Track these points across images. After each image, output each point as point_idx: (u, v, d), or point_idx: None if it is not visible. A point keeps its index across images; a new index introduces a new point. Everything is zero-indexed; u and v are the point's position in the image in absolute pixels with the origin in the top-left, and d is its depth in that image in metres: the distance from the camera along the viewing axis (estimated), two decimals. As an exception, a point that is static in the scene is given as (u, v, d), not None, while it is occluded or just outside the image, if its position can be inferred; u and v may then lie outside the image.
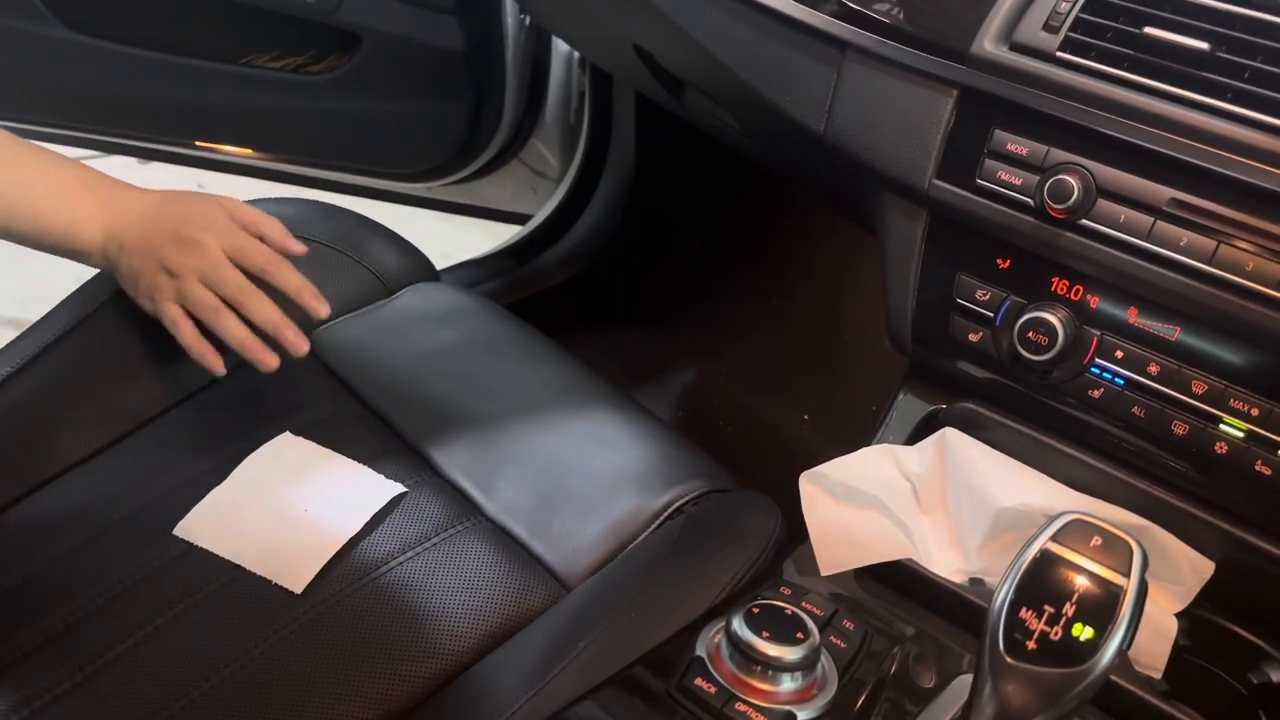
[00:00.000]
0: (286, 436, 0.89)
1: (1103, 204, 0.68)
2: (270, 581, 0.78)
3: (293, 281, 0.90)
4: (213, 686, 0.72)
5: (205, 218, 0.88)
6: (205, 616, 0.76)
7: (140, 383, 0.93)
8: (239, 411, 0.92)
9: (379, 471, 0.87)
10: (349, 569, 0.79)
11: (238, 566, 0.79)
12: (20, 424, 0.89)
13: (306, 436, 0.90)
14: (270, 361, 0.87)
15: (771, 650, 0.60)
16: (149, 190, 0.91)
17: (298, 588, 0.78)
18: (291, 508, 0.84)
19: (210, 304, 0.86)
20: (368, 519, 0.83)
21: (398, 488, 0.85)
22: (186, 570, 0.79)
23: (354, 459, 0.88)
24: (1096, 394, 0.73)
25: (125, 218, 0.87)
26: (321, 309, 0.90)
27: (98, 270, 0.94)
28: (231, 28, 1.50)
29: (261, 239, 0.90)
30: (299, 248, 0.92)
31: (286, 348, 0.88)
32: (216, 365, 0.87)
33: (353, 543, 0.81)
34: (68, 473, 0.88)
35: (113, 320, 0.94)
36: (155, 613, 0.76)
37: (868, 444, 0.82)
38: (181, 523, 0.82)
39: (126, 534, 0.81)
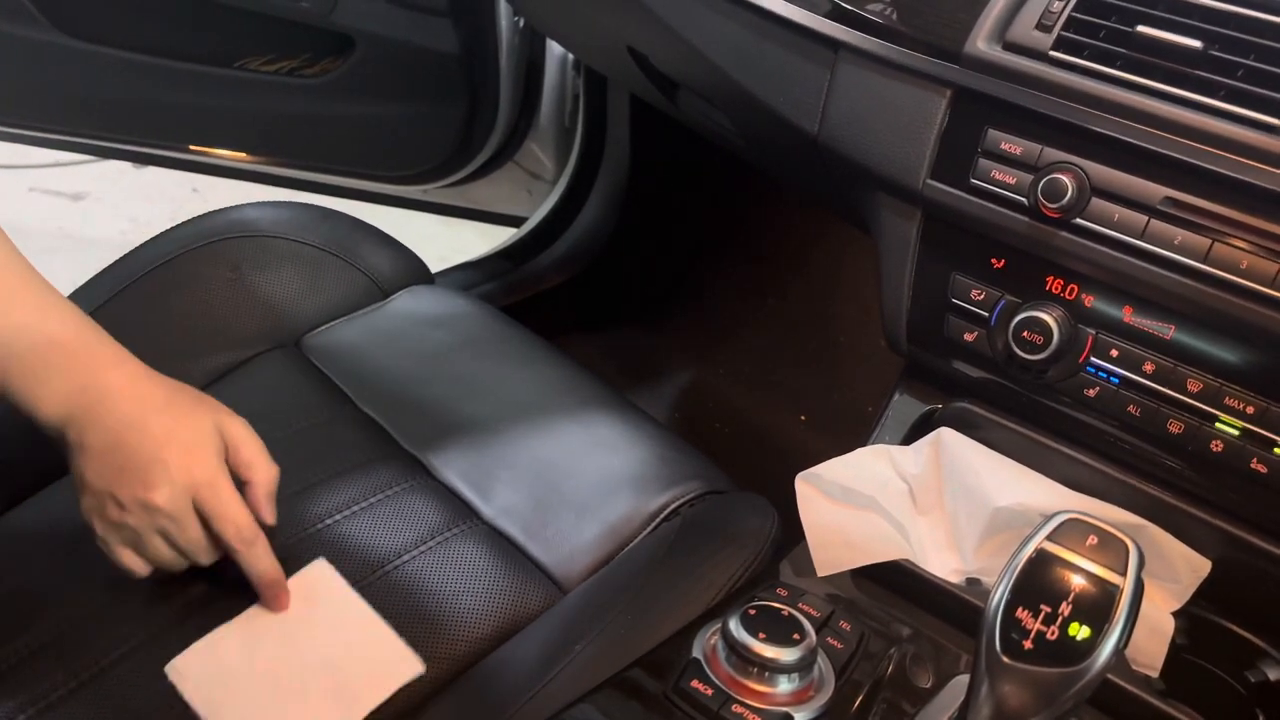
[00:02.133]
0: (321, 565, 0.78)
1: (1097, 203, 0.68)
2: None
3: (263, 569, 0.74)
4: (208, 692, 0.72)
5: (188, 450, 0.71)
6: (199, 624, 0.76)
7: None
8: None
9: (374, 476, 0.87)
10: (344, 574, 0.79)
11: (231, 572, 0.78)
12: (11, 431, 0.89)
13: (302, 441, 0.90)
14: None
15: (768, 652, 0.60)
16: (143, 381, 0.73)
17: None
18: (290, 679, 0.73)
19: (168, 561, 0.73)
20: (375, 706, 0.72)
21: (418, 668, 0.74)
22: (180, 577, 0.78)
23: (349, 462, 0.88)
24: (1092, 393, 0.73)
25: (98, 413, 0.70)
26: (282, 606, 0.76)
27: (91, 277, 0.93)
28: (226, 31, 1.50)
29: (246, 485, 0.75)
30: (272, 518, 0.75)
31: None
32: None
33: (348, 547, 0.81)
34: (59, 481, 0.87)
35: (103, 329, 0.93)
36: (147, 622, 0.75)
37: (864, 444, 0.82)
38: (174, 661, 0.72)
39: (121, 539, 0.81)
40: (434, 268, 1.21)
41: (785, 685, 0.61)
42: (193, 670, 0.72)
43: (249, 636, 0.74)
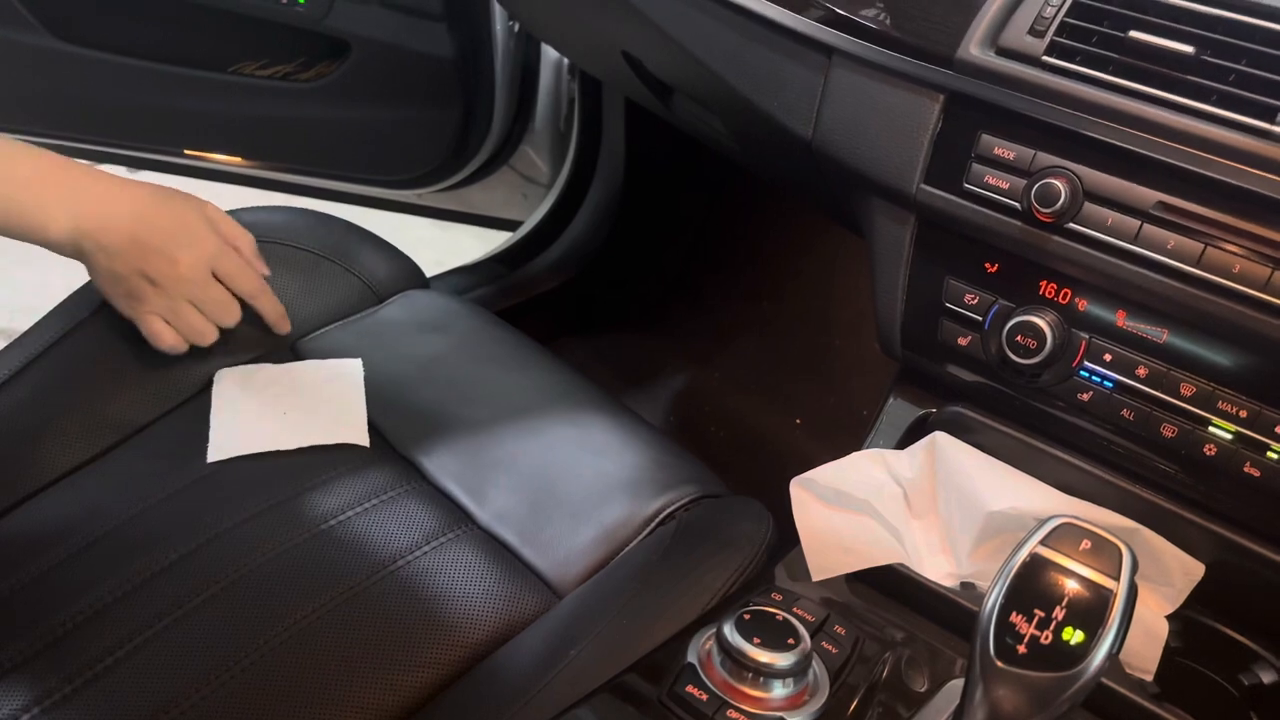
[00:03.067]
0: (230, 370, 0.94)
1: (1090, 207, 0.68)
2: (261, 588, 0.77)
3: (275, 309, 0.96)
4: (203, 698, 0.72)
5: (192, 232, 0.88)
6: (195, 628, 0.76)
7: (128, 393, 0.92)
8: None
9: (369, 480, 0.87)
10: (339, 578, 0.79)
11: (226, 576, 0.78)
12: (8, 435, 0.89)
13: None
14: None
15: (763, 656, 0.60)
16: (131, 185, 0.87)
17: (365, 440, 0.89)
18: (291, 395, 0.92)
19: (200, 329, 0.89)
20: (361, 374, 0.93)
21: (355, 362, 0.96)
22: (176, 581, 0.78)
23: (343, 466, 0.88)
24: (1085, 397, 0.73)
25: (105, 215, 0.84)
26: (285, 328, 0.97)
27: (88, 280, 0.93)
28: (220, 36, 1.50)
29: (236, 251, 0.92)
30: (265, 268, 0.96)
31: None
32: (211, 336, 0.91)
33: (343, 552, 0.81)
34: (56, 484, 0.87)
35: (101, 331, 0.93)
36: (145, 624, 0.75)
37: (859, 448, 0.82)
38: (210, 449, 0.87)
39: (116, 545, 0.81)
40: (429, 272, 1.21)
41: (780, 690, 0.61)
42: (228, 441, 0.88)
43: (244, 402, 0.92)
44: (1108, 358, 0.71)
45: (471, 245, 1.76)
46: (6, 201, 0.82)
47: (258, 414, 0.90)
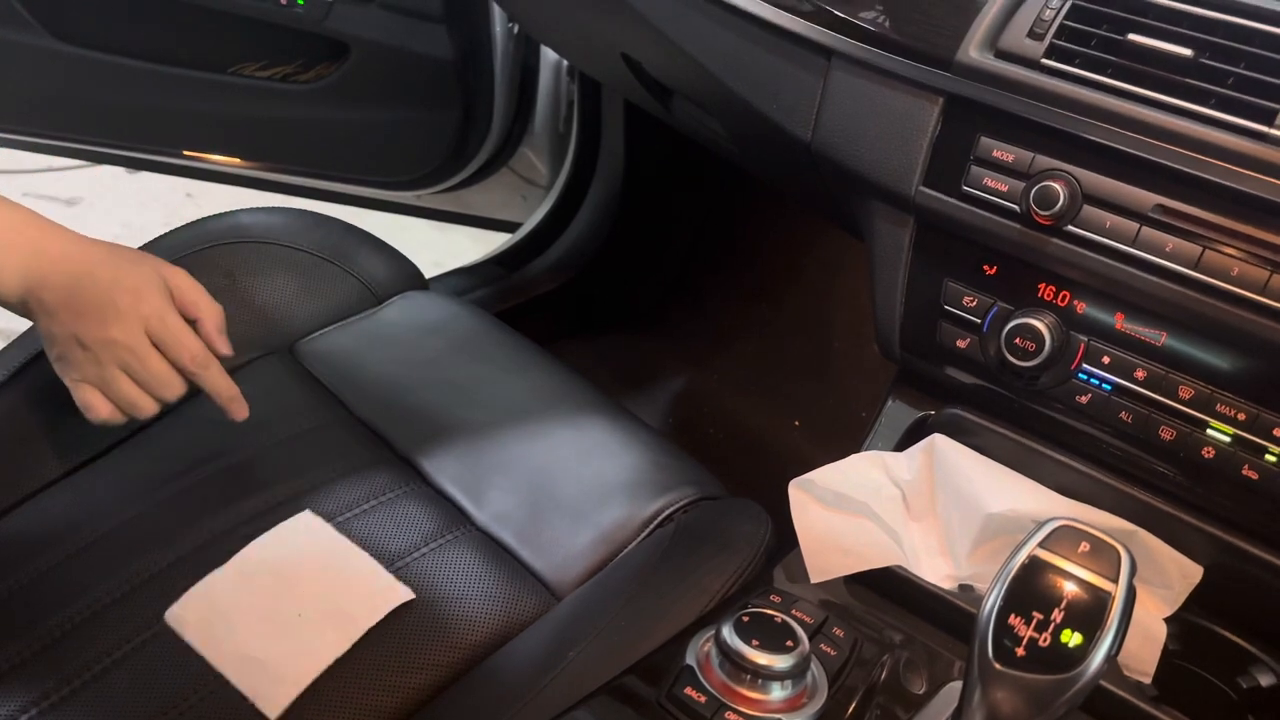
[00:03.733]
0: (307, 516, 0.83)
1: (1088, 210, 0.68)
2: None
3: (219, 388, 0.84)
4: (200, 699, 0.72)
5: (135, 290, 0.79)
6: (193, 628, 0.76)
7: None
8: (226, 423, 0.92)
9: (368, 482, 0.87)
10: (338, 580, 0.79)
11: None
12: (7, 436, 0.89)
13: (296, 447, 0.90)
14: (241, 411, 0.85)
15: (761, 658, 0.60)
16: (84, 243, 0.81)
17: (271, 714, 0.71)
18: (286, 609, 0.77)
19: (133, 400, 0.80)
20: (363, 634, 0.75)
21: (406, 593, 0.78)
22: (173, 583, 0.78)
23: (342, 469, 0.88)
24: (1084, 399, 0.73)
25: (49, 272, 0.78)
26: (241, 415, 0.85)
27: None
28: (220, 37, 1.50)
29: (196, 324, 0.83)
30: (226, 350, 0.85)
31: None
32: (150, 409, 0.82)
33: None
34: (55, 485, 0.87)
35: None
36: (143, 625, 0.75)
37: (857, 450, 0.82)
38: (172, 608, 0.76)
39: (113, 548, 0.81)
40: (428, 273, 1.21)
41: (779, 692, 0.61)
42: (191, 615, 0.76)
43: (241, 578, 0.78)
44: (1106, 360, 0.71)
45: (470, 247, 1.76)
46: None
47: (236, 604, 0.77)
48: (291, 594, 0.77)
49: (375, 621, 0.76)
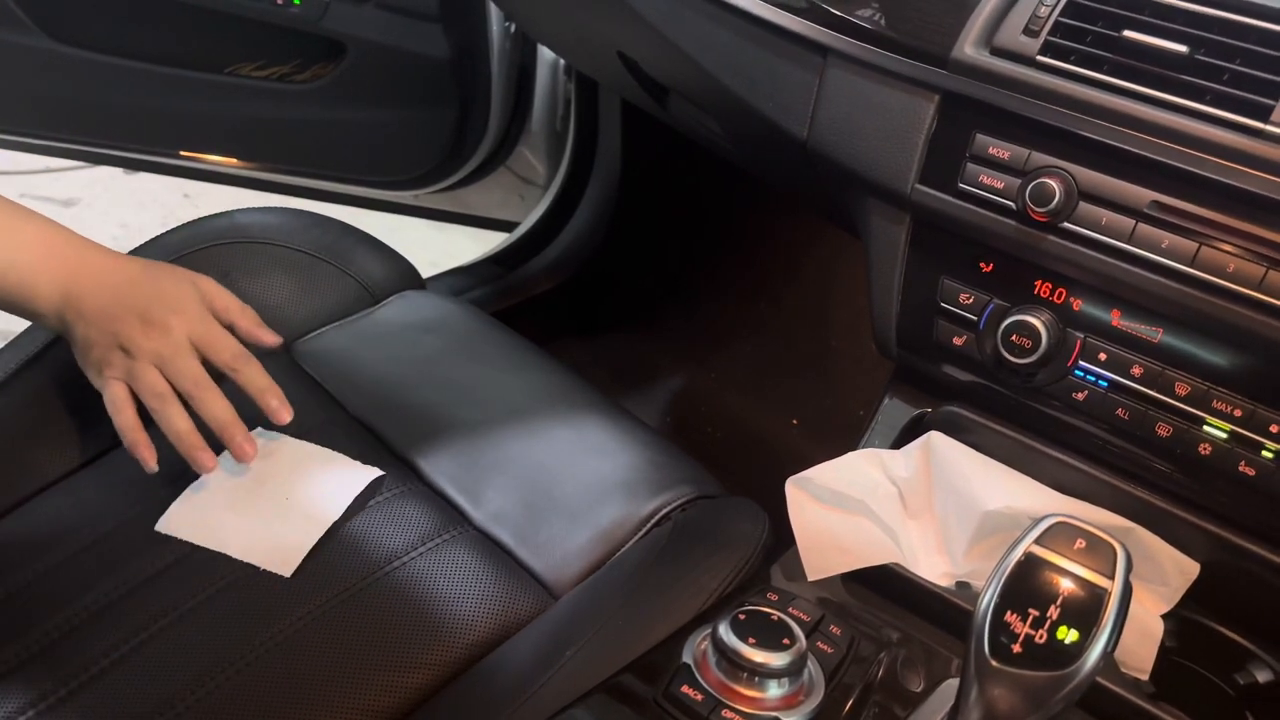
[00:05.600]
0: (259, 431, 0.87)
1: (1084, 207, 0.68)
2: (257, 591, 0.78)
3: (257, 382, 0.85)
4: (198, 699, 0.71)
5: (176, 300, 0.83)
6: (190, 630, 0.76)
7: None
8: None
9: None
10: (335, 580, 0.79)
11: (222, 578, 0.78)
12: (6, 437, 0.89)
13: (292, 446, 0.90)
14: (207, 463, 0.82)
15: (758, 656, 0.60)
16: (121, 258, 0.85)
17: (287, 572, 0.78)
18: (272, 497, 0.83)
19: (157, 389, 0.80)
20: (350, 502, 0.83)
21: (375, 471, 0.86)
22: (171, 584, 0.78)
23: (340, 468, 0.88)
24: (1080, 396, 0.73)
25: (88, 284, 0.82)
26: (284, 414, 0.85)
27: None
28: (216, 37, 1.50)
29: (233, 327, 0.86)
30: (271, 339, 0.89)
31: (232, 450, 0.83)
32: (149, 461, 0.81)
33: (339, 553, 0.81)
34: (54, 486, 0.87)
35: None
36: (140, 627, 0.75)
37: (854, 448, 0.82)
38: (162, 519, 0.81)
39: (111, 548, 0.81)
40: (425, 273, 1.21)
41: (775, 690, 0.61)
42: (181, 521, 0.81)
43: (217, 485, 0.84)
44: (1103, 357, 0.71)
45: (468, 246, 1.76)
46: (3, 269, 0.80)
47: (224, 503, 0.83)
48: (272, 487, 0.84)
49: (358, 492, 0.84)
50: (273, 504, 0.83)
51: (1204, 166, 0.63)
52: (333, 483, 0.85)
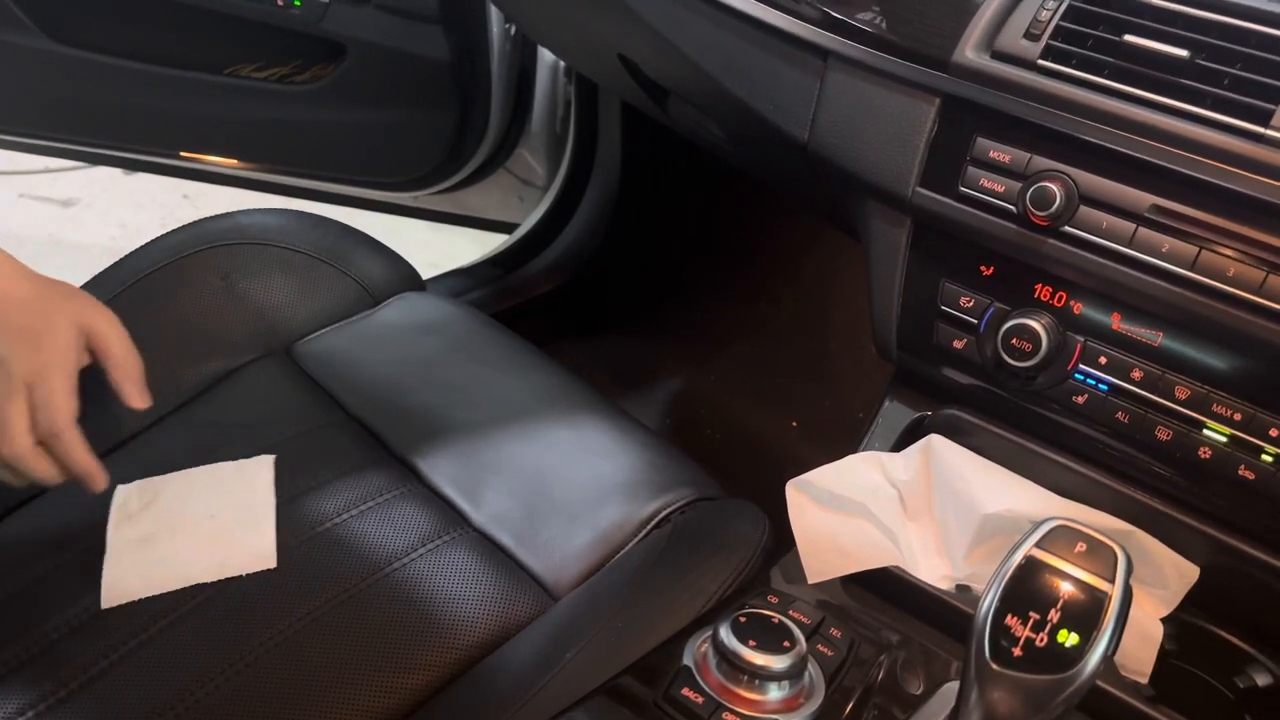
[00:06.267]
0: (139, 483, 0.85)
1: (1085, 211, 0.68)
2: (255, 593, 0.77)
3: (72, 460, 0.77)
4: (197, 701, 0.71)
5: (35, 340, 0.74)
6: (188, 632, 0.76)
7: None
8: (222, 425, 0.92)
9: (365, 483, 0.87)
10: (334, 581, 0.79)
11: (221, 580, 0.78)
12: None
13: (293, 448, 0.90)
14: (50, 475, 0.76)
15: (758, 659, 0.60)
16: (21, 279, 0.76)
17: (272, 562, 0.78)
18: (197, 520, 0.82)
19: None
20: (272, 491, 0.84)
21: (269, 458, 0.86)
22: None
23: (339, 470, 0.88)
24: (1080, 400, 0.73)
25: None
26: (96, 488, 0.79)
27: (82, 284, 0.93)
28: (216, 38, 1.50)
29: (107, 372, 0.79)
30: (138, 402, 0.81)
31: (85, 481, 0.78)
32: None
33: (339, 555, 0.81)
34: (51, 490, 0.87)
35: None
36: (138, 629, 0.75)
37: (855, 451, 0.82)
38: (103, 595, 0.76)
39: (110, 548, 0.81)
40: (425, 274, 1.21)
41: (776, 692, 0.61)
42: (127, 585, 0.77)
43: (134, 541, 0.80)
44: (1103, 361, 0.71)
45: (467, 248, 1.76)
46: None
47: (156, 551, 0.80)
48: (191, 511, 0.82)
49: (271, 479, 0.84)
50: (206, 524, 0.81)
51: (1204, 170, 0.63)
52: (241, 482, 0.85)
